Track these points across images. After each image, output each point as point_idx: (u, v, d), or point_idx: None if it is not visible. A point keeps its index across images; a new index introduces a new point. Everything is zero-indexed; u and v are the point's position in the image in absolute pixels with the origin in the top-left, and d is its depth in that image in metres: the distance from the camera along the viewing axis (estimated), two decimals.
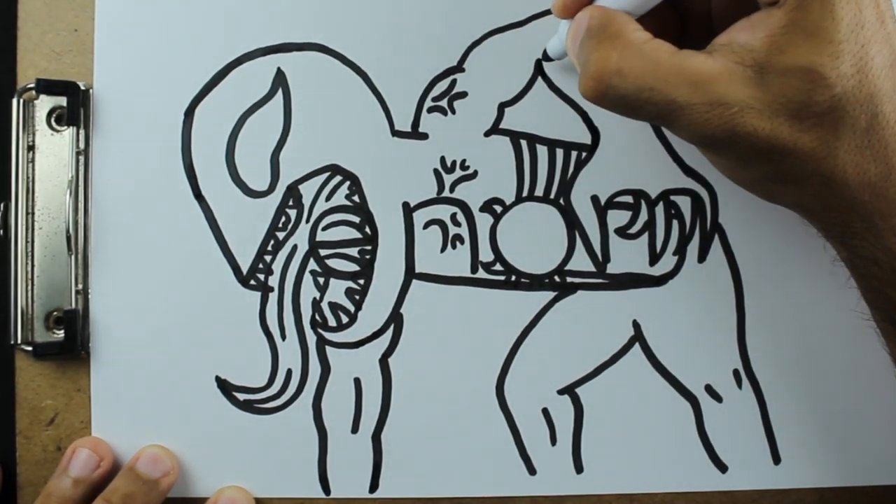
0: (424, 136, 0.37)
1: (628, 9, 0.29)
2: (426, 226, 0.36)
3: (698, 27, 0.33)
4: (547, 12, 0.36)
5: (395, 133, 0.37)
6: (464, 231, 0.36)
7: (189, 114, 0.36)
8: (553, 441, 0.37)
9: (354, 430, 0.36)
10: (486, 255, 0.36)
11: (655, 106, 0.27)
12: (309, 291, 0.36)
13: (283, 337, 0.36)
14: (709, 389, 0.37)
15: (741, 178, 0.30)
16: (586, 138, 0.37)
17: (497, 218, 0.36)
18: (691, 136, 0.28)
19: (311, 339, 0.36)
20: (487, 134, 0.37)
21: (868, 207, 0.27)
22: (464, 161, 0.37)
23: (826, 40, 0.26)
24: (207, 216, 0.36)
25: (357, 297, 0.36)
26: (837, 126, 0.26)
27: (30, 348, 0.36)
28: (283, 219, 0.36)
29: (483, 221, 0.36)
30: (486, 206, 0.36)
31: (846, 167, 0.27)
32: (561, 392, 0.37)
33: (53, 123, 0.36)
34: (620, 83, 0.28)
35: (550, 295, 0.37)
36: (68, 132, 0.36)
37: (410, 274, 0.36)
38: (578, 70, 0.30)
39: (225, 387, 0.36)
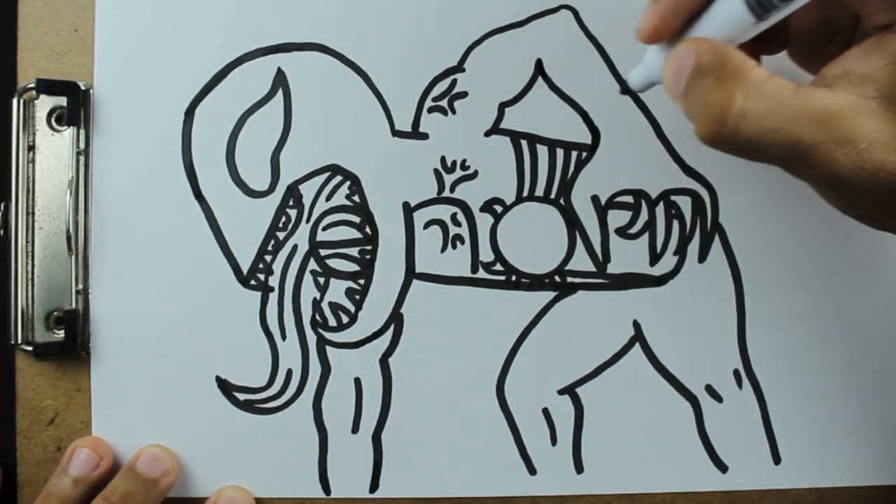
0: (425, 136, 0.37)
1: (732, 39, 0.27)
2: (426, 226, 0.36)
3: (770, 44, 0.32)
4: (547, 13, 0.36)
5: (396, 133, 0.37)
6: (464, 231, 0.36)
7: (189, 114, 0.36)
8: (553, 441, 0.37)
9: (355, 430, 0.36)
10: (486, 255, 0.36)
11: (781, 147, 0.26)
12: (309, 291, 0.36)
13: (284, 337, 0.36)
14: (709, 389, 0.37)
15: (863, 212, 0.29)
16: (587, 138, 0.37)
17: (497, 218, 0.36)
18: (818, 175, 0.26)
19: (312, 339, 0.36)
20: (488, 134, 0.37)
21: None
22: (464, 161, 0.37)
23: None
24: (208, 216, 0.36)
25: (357, 297, 0.36)
26: None
27: (30, 348, 0.36)
28: (284, 219, 0.36)
29: (483, 221, 0.37)
30: (487, 206, 0.37)
31: None
32: (561, 392, 0.37)
33: (53, 123, 0.36)
34: (745, 126, 0.26)
35: (551, 295, 0.37)
36: (68, 132, 0.36)
37: (411, 274, 0.36)
38: (683, 109, 0.28)
39: (225, 387, 0.36)
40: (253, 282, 0.36)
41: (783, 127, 0.26)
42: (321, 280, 0.36)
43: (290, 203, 0.36)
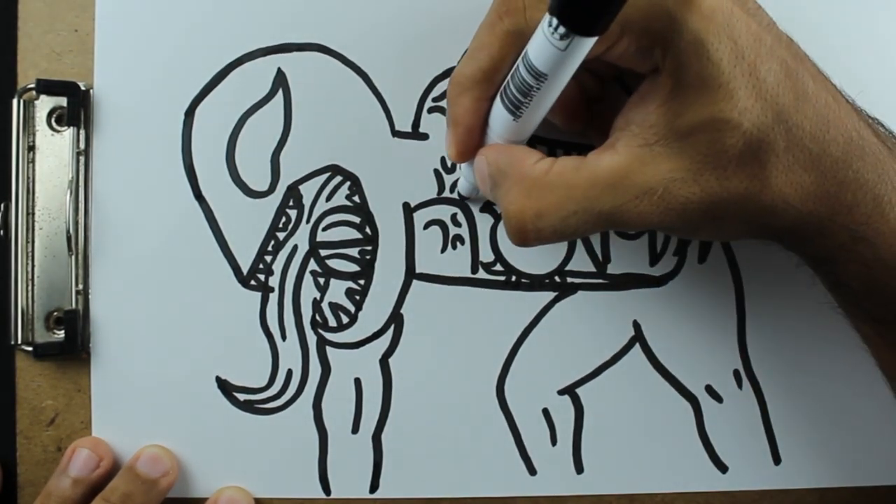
0: (425, 137, 0.37)
1: (517, 139, 0.29)
2: (427, 226, 0.36)
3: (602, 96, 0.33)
4: None
5: (396, 133, 0.37)
6: (464, 231, 0.36)
7: (189, 114, 0.36)
8: (553, 441, 0.37)
9: (355, 430, 0.36)
10: (486, 255, 0.36)
11: (588, 224, 0.27)
12: (309, 292, 0.36)
13: (284, 337, 0.36)
14: (709, 390, 0.37)
15: (701, 237, 0.30)
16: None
17: (497, 218, 0.36)
18: (635, 227, 0.28)
19: (312, 339, 0.36)
20: None
21: (815, 215, 0.27)
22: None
23: (714, 86, 0.25)
24: (208, 216, 0.36)
25: (357, 298, 0.36)
26: (759, 157, 0.26)
27: (30, 348, 0.36)
28: (284, 219, 0.36)
29: (483, 222, 0.37)
30: (487, 207, 0.37)
31: (783, 189, 0.27)
32: (561, 392, 0.37)
33: (54, 124, 0.36)
34: (545, 224, 0.27)
35: (551, 295, 0.37)
36: (68, 132, 0.36)
37: (411, 274, 0.36)
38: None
39: (225, 387, 0.36)
40: (253, 282, 0.36)
41: (580, 207, 0.27)
42: (321, 280, 0.36)
43: (291, 203, 0.36)
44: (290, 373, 0.36)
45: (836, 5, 0.37)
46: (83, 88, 0.36)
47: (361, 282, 0.36)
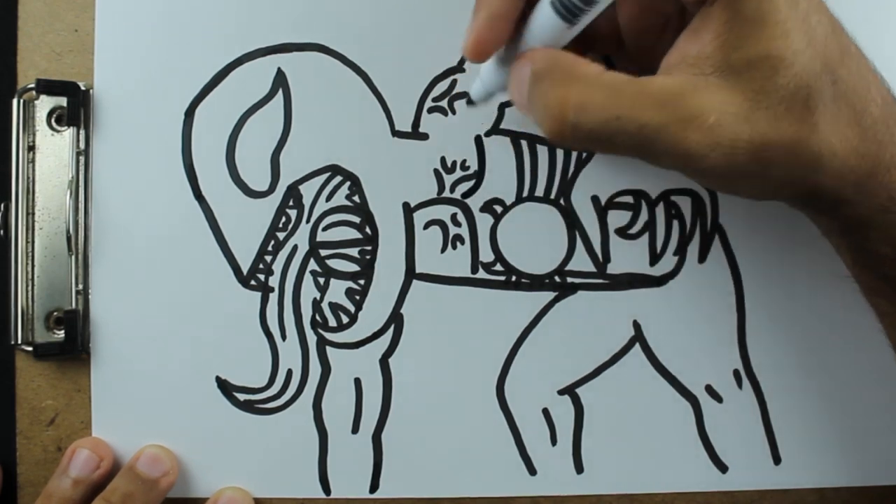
0: (425, 137, 0.37)
1: (554, 45, 0.28)
2: (426, 226, 0.36)
3: (607, 47, 0.32)
4: None
5: (396, 133, 0.37)
6: (464, 231, 0.36)
7: (189, 114, 0.36)
8: (553, 441, 0.37)
9: (355, 430, 0.36)
10: (486, 255, 0.36)
11: (627, 134, 0.26)
12: (309, 292, 0.36)
13: (284, 337, 0.36)
14: (709, 389, 0.37)
15: (736, 188, 0.29)
16: None
17: (497, 218, 0.36)
18: (673, 159, 0.27)
19: (312, 339, 0.36)
20: (488, 134, 0.37)
21: (857, 172, 0.27)
22: (464, 161, 0.37)
23: (772, 22, 0.25)
24: (208, 216, 0.36)
25: (357, 298, 0.36)
26: (808, 103, 0.26)
27: (30, 348, 0.36)
28: (284, 219, 0.36)
29: (483, 221, 0.36)
30: (487, 207, 0.36)
31: (830, 139, 0.27)
32: (561, 392, 0.37)
33: (54, 124, 0.36)
34: (586, 118, 0.26)
35: (551, 295, 0.37)
36: (68, 132, 0.36)
37: (411, 274, 0.36)
38: (531, 118, 0.28)
39: (225, 387, 0.36)
40: (253, 282, 0.36)
41: (625, 114, 0.26)
42: (321, 280, 0.36)
43: (291, 203, 0.36)
44: (290, 373, 0.36)
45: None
46: (83, 88, 0.36)
47: (361, 282, 0.36)
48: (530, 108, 0.28)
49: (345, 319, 0.36)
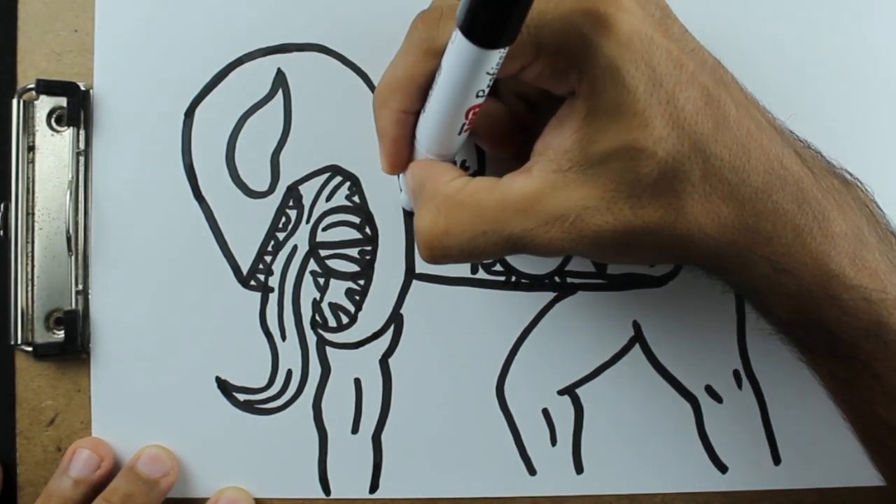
0: None
1: (444, 153, 0.29)
2: None
3: (530, 116, 0.32)
4: None
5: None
6: None
7: (189, 114, 0.36)
8: (553, 441, 0.37)
9: (354, 430, 0.36)
10: None
11: (497, 246, 0.27)
12: (309, 292, 0.36)
13: (284, 337, 0.36)
14: (709, 390, 0.37)
15: (613, 262, 0.30)
16: None
17: None
18: (545, 254, 0.27)
19: (312, 339, 0.36)
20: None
21: (734, 246, 0.27)
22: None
23: (629, 114, 0.25)
24: (207, 217, 0.36)
25: (357, 298, 0.36)
26: (674, 187, 0.26)
27: (30, 349, 0.36)
28: (284, 219, 0.36)
29: None
30: None
31: (699, 220, 0.26)
32: (561, 392, 0.37)
33: (53, 124, 0.36)
34: (453, 241, 0.27)
35: (550, 295, 0.37)
36: (68, 133, 0.36)
37: (410, 274, 0.36)
38: None
39: (225, 387, 0.36)
40: (253, 282, 0.36)
41: (489, 228, 0.27)
42: (321, 280, 0.36)
43: (290, 203, 0.36)
44: (289, 373, 0.36)
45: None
46: (83, 88, 0.36)
47: (361, 282, 0.36)
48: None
49: (345, 319, 0.36)
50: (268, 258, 0.36)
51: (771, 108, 0.29)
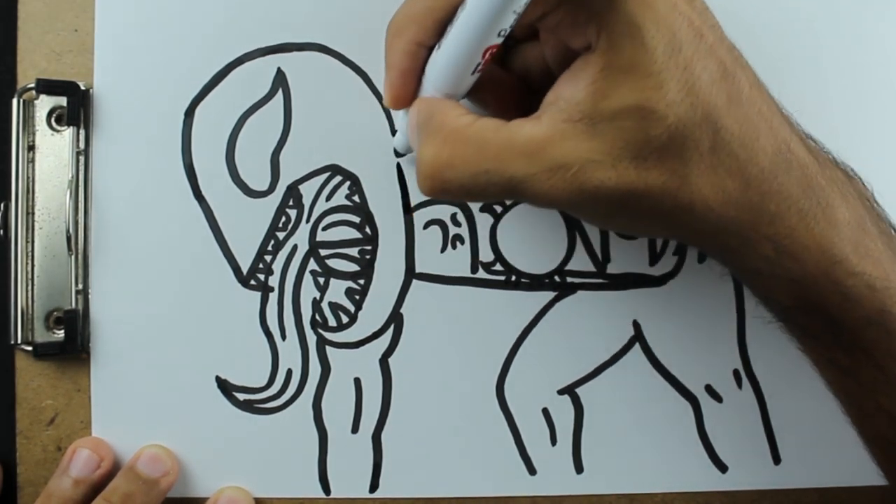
0: None
1: (452, 92, 0.29)
2: (426, 226, 0.36)
3: (544, 86, 0.32)
4: None
5: (396, 133, 0.37)
6: (464, 231, 0.36)
7: (189, 114, 0.36)
8: (553, 441, 0.37)
9: (354, 430, 0.36)
10: (486, 255, 0.36)
11: (497, 186, 0.27)
12: (309, 291, 0.36)
13: (284, 337, 0.36)
14: (709, 389, 0.37)
15: (608, 227, 0.29)
16: None
17: (497, 218, 0.36)
18: (543, 204, 0.27)
19: (312, 339, 0.36)
20: None
21: (737, 223, 0.27)
22: None
23: (645, 74, 0.25)
24: (207, 216, 0.36)
25: (357, 297, 0.36)
26: (682, 154, 0.26)
27: (30, 348, 0.36)
28: (284, 219, 0.36)
29: (483, 221, 0.37)
30: (487, 206, 0.37)
31: (703, 191, 0.26)
32: (561, 392, 0.37)
33: (53, 123, 0.36)
34: (455, 175, 0.27)
35: (550, 295, 0.37)
36: (68, 132, 0.36)
37: (411, 274, 0.36)
38: None
39: (225, 387, 0.36)
40: (253, 282, 0.36)
41: (492, 167, 0.26)
42: (321, 280, 0.36)
43: (290, 203, 0.36)
44: (289, 372, 0.36)
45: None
46: (83, 88, 0.36)
47: (361, 281, 0.36)
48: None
49: (345, 319, 0.36)
50: (268, 258, 0.36)
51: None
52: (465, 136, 0.27)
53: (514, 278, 0.37)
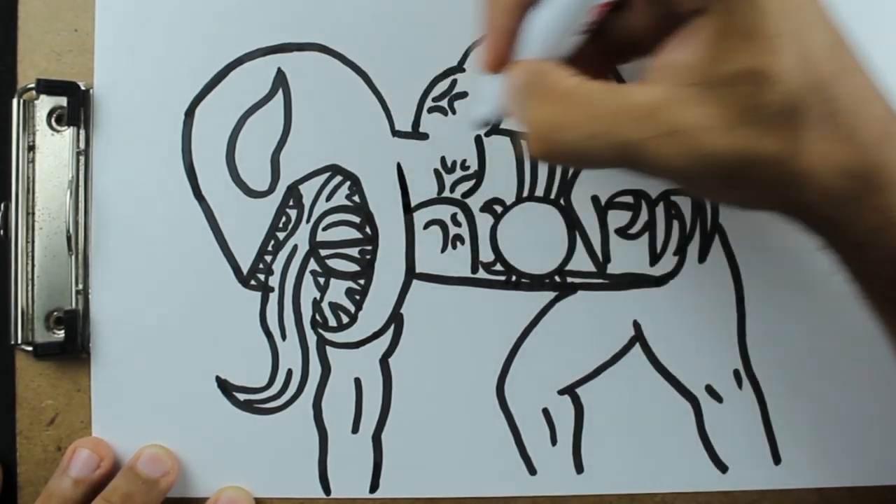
0: (425, 137, 0.37)
1: (553, 54, 0.28)
2: (426, 226, 0.36)
3: (630, 55, 0.32)
4: None
5: (396, 133, 0.37)
6: (464, 231, 0.36)
7: (189, 114, 0.36)
8: (553, 441, 0.37)
9: (355, 430, 0.36)
10: (486, 255, 0.36)
11: (609, 150, 0.26)
12: (309, 291, 0.36)
13: (284, 337, 0.36)
14: (709, 389, 0.37)
15: (713, 198, 0.29)
16: None
17: (497, 218, 0.36)
18: (652, 171, 0.26)
19: (312, 339, 0.36)
20: (488, 134, 0.37)
21: (845, 193, 0.26)
22: (464, 161, 0.37)
23: (762, 37, 0.24)
24: (208, 216, 0.36)
25: (357, 298, 0.36)
26: (795, 121, 0.25)
27: (30, 348, 0.36)
28: (284, 219, 0.36)
29: (483, 221, 0.37)
30: (487, 206, 0.37)
31: (814, 159, 0.26)
32: (561, 392, 0.37)
33: (54, 123, 0.36)
34: (566, 137, 0.26)
35: (551, 295, 0.37)
36: (68, 132, 0.36)
37: (411, 274, 0.36)
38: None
39: (225, 387, 0.36)
40: (253, 282, 0.36)
41: (605, 130, 0.26)
42: (321, 280, 0.36)
43: (291, 203, 0.36)
44: (290, 373, 0.36)
45: None
46: (83, 88, 0.36)
47: (361, 282, 0.36)
48: (519, 122, 0.28)
49: (345, 319, 0.36)
50: (268, 258, 0.36)
51: None
52: (577, 97, 0.26)
53: (514, 278, 0.37)
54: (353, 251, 0.37)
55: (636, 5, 0.30)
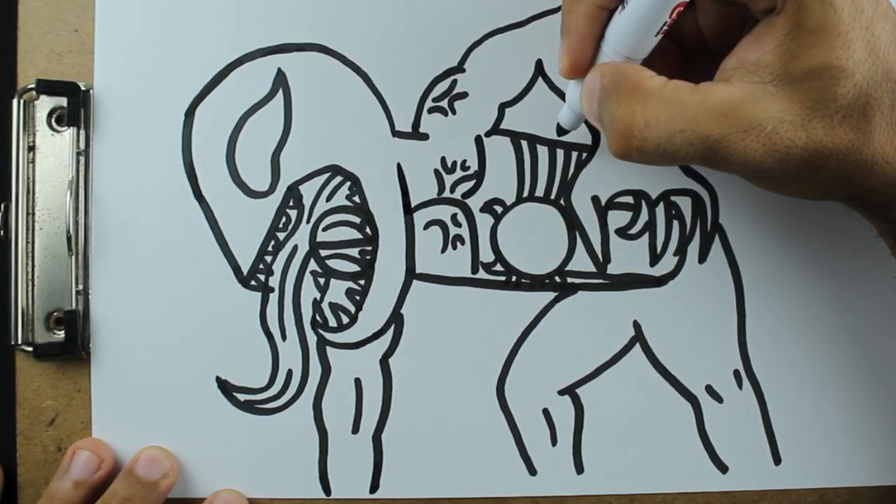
0: (425, 137, 0.37)
1: (633, 56, 0.29)
2: (427, 226, 0.36)
3: (697, 54, 0.33)
4: (547, 13, 0.36)
5: (396, 133, 0.37)
6: (464, 231, 0.36)
7: (189, 114, 0.36)
8: (553, 441, 0.37)
9: (355, 430, 0.36)
10: (486, 255, 0.36)
11: (692, 146, 0.27)
12: (309, 292, 0.36)
13: (284, 337, 0.36)
14: (709, 390, 0.37)
15: (789, 190, 0.30)
16: (587, 139, 0.37)
17: (497, 218, 0.36)
18: (732, 166, 0.28)
19: (312, 339, 0.36)
20: (488, 134, 0.37)
21: None
22: (464, 161, 0.37)
23: (834, 33, 0.26)
24: (208, 216, 0.36)
25: (358, 298, 0.36)
26: (866, 112, 0.27)
27: (30, 349, 0.36)
28: (284, 219, 0.36)
29: (483, 222, 0.37)
30: (487, 207, 0.37)
31: (885, 147, 0.27)
32: (561, 392, 0.37)
33: (54, 124, 0.36)
34: (651, 134, 0.28)
35: (551, 295, 0.37)
36: (68, 132, 0.36)
37: (411, 274, 0.36)
38: (602, 131, 0.30)
39: (225, 387, 0.36)
40: (253, 282, 0.36)
41: (688, 127, 0.27)
42: (321, 280, 0.36)
43: (291, 203, 0.36)
44: (290, 373, 0.36)
45: None
46: (83, 88, 0.36)
47: (361, 282, 0.36)
48: (600, 123, 0.30)
49: (345, 319, 0.36)
50: (268, 258, 0.36)
51: None
52: (662, 96, 0.28)
53: (514, 279, 0.37)
54: (354, 251, 0.37)
55: (703, 6, 0.31)
